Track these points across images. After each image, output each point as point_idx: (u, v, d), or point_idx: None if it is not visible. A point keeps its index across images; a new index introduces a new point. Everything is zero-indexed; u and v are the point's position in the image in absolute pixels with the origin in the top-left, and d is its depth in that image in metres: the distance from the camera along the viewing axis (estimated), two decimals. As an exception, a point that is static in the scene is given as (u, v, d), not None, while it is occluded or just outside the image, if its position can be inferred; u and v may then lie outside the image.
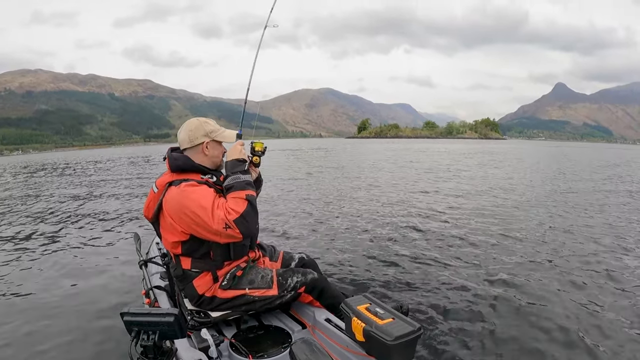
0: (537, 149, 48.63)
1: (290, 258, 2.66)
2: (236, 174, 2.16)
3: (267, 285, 2.28)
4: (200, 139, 2.24)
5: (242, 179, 2.14)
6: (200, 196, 2.05)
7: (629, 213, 7.45)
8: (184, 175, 2.20)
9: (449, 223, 6.57)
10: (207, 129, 2.25)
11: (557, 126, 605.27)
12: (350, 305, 2.04)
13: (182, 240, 2.14)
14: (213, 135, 2.27)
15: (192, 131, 2.25)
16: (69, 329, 3.25)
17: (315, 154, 33.87)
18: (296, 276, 2.34)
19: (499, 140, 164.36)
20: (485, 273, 4.16)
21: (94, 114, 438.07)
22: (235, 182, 2.13)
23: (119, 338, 2.86)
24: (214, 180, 2.24)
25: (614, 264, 4.46)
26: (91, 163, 30.98)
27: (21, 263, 5.09)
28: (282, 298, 2.29)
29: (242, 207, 2.03)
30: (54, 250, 5.59)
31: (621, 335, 2.90)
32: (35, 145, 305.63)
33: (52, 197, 11.55)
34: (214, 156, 2.31)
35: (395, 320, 1.88)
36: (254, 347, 2.11)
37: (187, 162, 2.23)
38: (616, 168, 19.29)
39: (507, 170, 16.83)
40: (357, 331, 1.93)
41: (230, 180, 2.15)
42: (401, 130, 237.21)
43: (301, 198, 9.62)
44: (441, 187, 11.30)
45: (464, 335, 2.87)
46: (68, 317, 3.47)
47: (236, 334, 2.29)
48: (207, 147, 2.26)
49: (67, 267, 4.88)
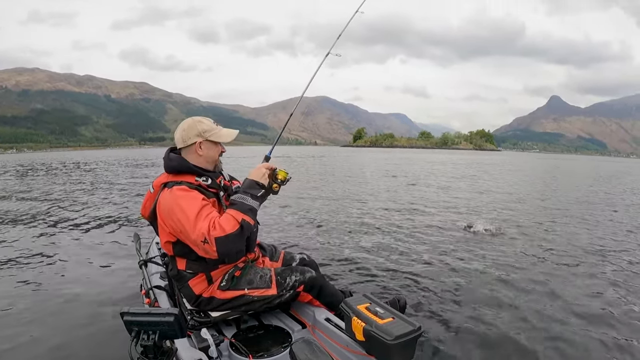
0: (540, 162, 48.67)
1: (291, 258, 2.66)
2: (246, 195, 2.09)
3: (266, 285, 2.26)
4: (193, 138, 2.19)
5: (248, 203, 2.07)
6: (186, 204, 2.02)
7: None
8: (179, 176, 2.17)
9: (452, 227, 6.61)
10: (200, 129, 2.19)
11: (552, 139, 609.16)
12: (350, 305, 2.05)
13: (172, 242, 2.13)
14: (207, 135, 2.20)
15: (185, 130, 2.20)
16: (69, 329, 3.23)
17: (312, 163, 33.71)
18: (295, 275, 2.33)
19: (494, 152, 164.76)
20: (487, 274, 4.21)
21: (89, 115, 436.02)
22: (241, 201, 2.07)
23: (119, 338, 2.83)
24: (208, 183, 2.20)
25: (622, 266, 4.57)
26: (88, 164, 30.71)
27: (21, 263, 5.06)
28: (282, 297, 2.28)
29: (232, 228, 1.95)
30: (54, 250, 5.56)
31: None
32: (30, 144, 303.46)
33: (51, 198, 11.42)
34: (209, 156, 2.24)
35: (395, 320, 1.90)
36: (254, 347, 2.12)
37: (182, 163, 2.19)
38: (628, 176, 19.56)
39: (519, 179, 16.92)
40: (357, 331, 1.94)
41: (237, 197, 2.09)
42: (397, 140, 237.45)
43: (303, 199, 9.58)
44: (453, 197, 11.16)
45: (465, 335, 2.88)
46: (68, 317, 3.45)
47: (236, 333, 2.29)
48: (200, 147, 2.20)
49: (67, 267, 4.85)
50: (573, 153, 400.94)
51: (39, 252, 5.48)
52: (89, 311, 3.55)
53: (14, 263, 5.08)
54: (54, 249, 5.62)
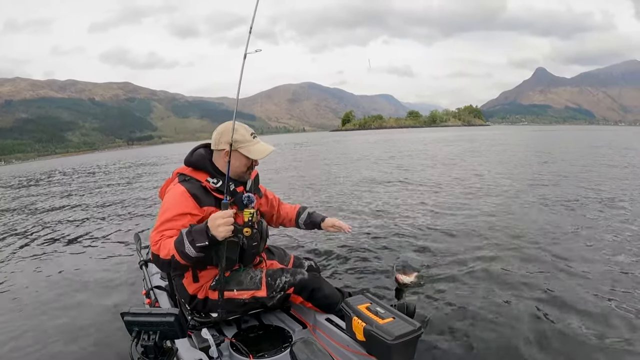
0: (533, 134, 48.01)
1: (300, 264, 2.64)
2: (189, 237, 1.89)
3: (256, 287, 2.23)
4: (223, 145, 2.15)
5: (185, 247, 1.89)
6: (169, 205, 2.08)
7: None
8: (194, 172, 2.21)
9: (456, 223, 5.94)
10: (233, 137, 2.12)
11: (539, 110, 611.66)
12: (350, 305, 2.05)
13: None
14: (237, 145, 2.14)
15: (219, 134, 2.18)
16: (69, 329, 3.27)
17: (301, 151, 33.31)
18: (285, 276, 2.27)
19: (484, 127, 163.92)
20: (489, 272, 3.95)
21: (75, 120, 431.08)
22: (181, 240, 1.91)
23: (120, 338, 2.86)
24: (216, 186, 2.16)
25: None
26: (79, 170, 30.47)
27: (22, 264, 5.13)
28: (272, 299, 2.24)
29: (164, 256, 1.93)
30: (54, 252, 5.63)
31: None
32: (18, 155, 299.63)
33: (48, 202, 11.54)
34: (235, 167, 2.18)
35: (395, 320, 1.90)
36: (255, 347, 2.13)
37: (200, 161, 2.22)
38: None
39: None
40: (357, 331, 1.95)
41: (184, 234, 1.92)
42: (385, 121, 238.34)
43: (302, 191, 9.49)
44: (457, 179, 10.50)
45: (466, 335, 2.80)
46: (68, 318, 3.50)
47: (237, 333, 2.31)
48: (226, 154, 2.14)
49: (68, 268, 4.92)
50: (561, 124, 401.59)
51: (39, 254, 5.51)
52: (90, 311, 3.59)
53: (14, 264, 5.12)
54: (54, 250, 5.68)
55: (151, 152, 66.18)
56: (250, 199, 2.22)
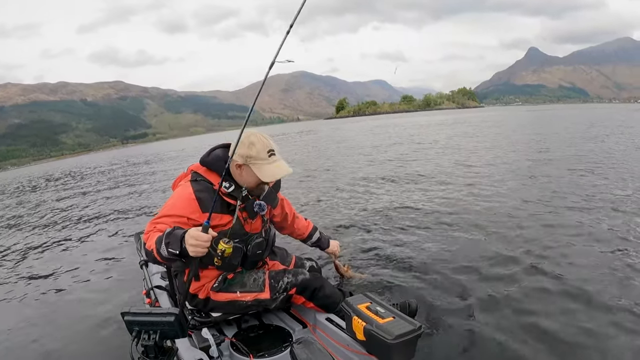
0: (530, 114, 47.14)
1: (302, 265, 2.64)
2: (166, 240, 1.84)
3: (259, 289, 2.24)
4: (238, 157, 2.08)
5: (161, 247, 1.85)
6: (173, 202, 2.08)
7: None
8: (207, 172, 2.17)
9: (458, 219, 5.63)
10: (247, 152, 2.07)
11: (533, 90, 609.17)
12: (350, 304, 2.05)
13: None
14: (249, 161, 2.07)
15: (238, 144, 2.06)
16: (69, 329, 3.31)
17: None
18: (287, 277, 2.29)
19: (479, 109, 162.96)
20: (491, 271, 3.79)
21: (68, 122, 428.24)
22: (160, 240, 1.87)
23: (120, 338, 2.87)
24: (229, 191, 2.11)
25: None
26: (75, 172, 30.37)
27: (22, 265, 5.15)
28: (275, 301, 2.25)
29: (148, 245, 1.95)
30: (54, 252, 5.66)
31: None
32: (13, 161, 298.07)
33: (49, 203, 11.53)
34: (244, 180, 2.14)
35: (396, 319, 1.90)
36: (255, 347, 2.14)
37: (215, 163, 2.16)
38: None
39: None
40: (357, 330, 1.95)
41: (165, 234, 1.87)
42: (379, 106, 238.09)
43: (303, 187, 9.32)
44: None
45: (466, 335, 2.75)
46: (69, 317, 3.54)
47: (237, 333, 2.32)
48: (238, 167, 2.11)
49: (68, 267, 4.95)
50: (555, 103, 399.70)
51: (40, 254, 5.54)
52: (90, 311, 3.63)
53: (15, 264, 5.14)
54: (54, 250, 5.68)
55: (146, 150, 65.54)
56: (262, 207, 2.21)
